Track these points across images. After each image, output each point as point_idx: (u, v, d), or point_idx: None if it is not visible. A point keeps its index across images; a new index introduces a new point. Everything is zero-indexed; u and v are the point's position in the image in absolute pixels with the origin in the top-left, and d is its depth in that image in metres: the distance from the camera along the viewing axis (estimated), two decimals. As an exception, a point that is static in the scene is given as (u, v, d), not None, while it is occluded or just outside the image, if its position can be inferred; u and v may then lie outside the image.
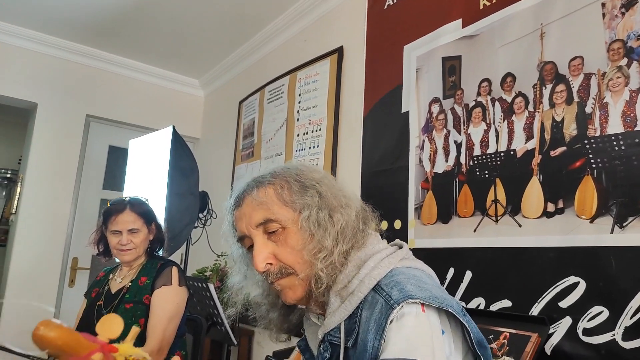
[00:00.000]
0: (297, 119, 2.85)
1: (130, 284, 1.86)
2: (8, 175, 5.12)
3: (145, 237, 1.89)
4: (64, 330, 0.46)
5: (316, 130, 2.67)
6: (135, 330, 0.58)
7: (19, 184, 3.59)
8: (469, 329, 0.76)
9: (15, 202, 3.58)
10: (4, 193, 5.12)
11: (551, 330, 1.42)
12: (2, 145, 5.34)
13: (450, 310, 0.75)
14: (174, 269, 1.87)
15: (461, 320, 0.76)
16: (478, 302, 1.65)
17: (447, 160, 1.88)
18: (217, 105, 4.10)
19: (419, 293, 0.74)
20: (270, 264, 0.84)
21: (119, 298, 1.83)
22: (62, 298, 3.56)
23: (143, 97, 3.98)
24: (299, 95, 2.88)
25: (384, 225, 2.02)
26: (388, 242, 0.91)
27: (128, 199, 1.95)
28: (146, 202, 1.97)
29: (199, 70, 4.05)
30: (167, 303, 1.80)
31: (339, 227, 0.83)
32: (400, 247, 0.89)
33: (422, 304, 0.73)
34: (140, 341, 1.75)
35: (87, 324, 1.85)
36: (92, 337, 0.51)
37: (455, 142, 1.85)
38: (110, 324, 0.54)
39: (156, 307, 1.78)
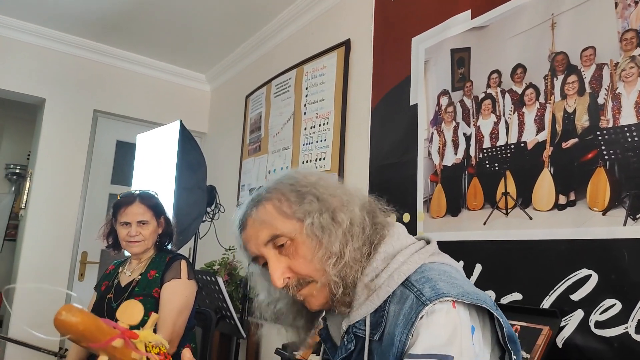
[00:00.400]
0: (304, 113, 2.84)
1: (139, 277, 1.87)
2: (17, 171, 5.15)
3: (154, 230, 1.90)
4: (86, 315, 0.46)
5: (323, 124, 2.66)
6: (154, 316, 0.58)
7: (28, 179, 3.62)
8: (502, 323, 0.76)
9: (25, 197, 3.61)
10: (13, 188, 5.16)
11: (563, 323, 1.41)
12: (11, 141, 5.38)
13: (484, 305, 0.75)
14: (183, 263, 1.88)
15: (495, 314, 0.75)
16: (488, 296, 1.64)
17: (456, 153, 1.86)
18: (224, 99, 4.10)
19: (451, 290, 0.74)
20: (288, 277, 0.84)
21: (128, 291, 1.84)
22: (73, 292, 3.59)
23: (150, 92, 3.99)
24: (306, 88, 2.86)
25: (406, 217, 1.99)
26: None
27: (138, 192, 1.96)
28: (155, 195, 1.98)
29: (206, 65, 4.05)
30: (177, 296, 1.81)
31: (344, 226, 0.82)
32: (428, 242, 0.89)
33: (454, 301, 0.73)
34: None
35: (98, 315, 1.86)
36: (112, 323, 0.51)
37: (464, 134, 1.84)
38: (131, 311, 0.54)
39: (166, 300, 1.79)
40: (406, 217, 2.00)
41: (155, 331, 1.73)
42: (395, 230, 0.87)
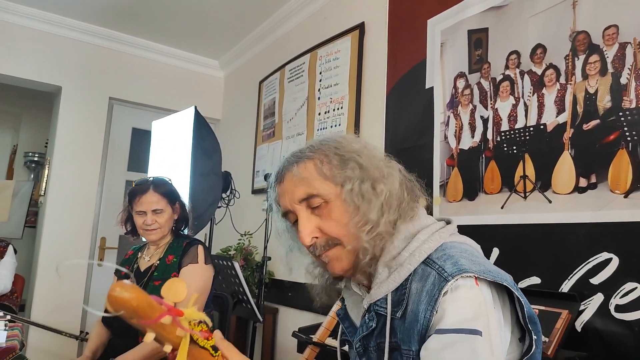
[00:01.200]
0: (318, 98, 2.83)
1: (158, 262, 1.89)
2: (35, 159, 5.23)
3: (170, 217, 1.92)
4: (139, 291, 0.47)
5: (338, 109, 2.65)
6: (195, 295, 0.58)
7: (47, 166, 3.67)
8: (523, 303, 0.75)
9: (44, 184, 3.66)
10: (32, 176, 5.24)
11: (582, 307, 1.40)
12: (29, 129, 5.46)
13: (505, 284, 0.74)
14: (200, 248, 1.90)
15: (516, 294, 0.75)
16: (509, 275, 1.63)
17: (473, 136, 1.84)
18: (237, 85, 4.09)
19: (472, 267, 0.74)
20: (316, 237, 0.84)
21: (147, 276, 1.87)
22: (92, 277, 3.66)
23: (164, 79, 4.00)
24: (320, 73, 2.84)
25: (437, 201, 1.97)
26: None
27: (152, 179, 1.97)
28: (169, 181, 1.99)
29: (219, 51, 4.04)
30: (194, 281, 1.83)
31: (383, 197, 0.82)
32: (449, 222, 0.88)
33: (476, 278, 0.73)
34: None
35: None
36: (160, 300, 0.51)
37: (481, 117, 1.81)
38: (176, 288, 0.53)
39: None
40: (437, 201, 1.99)
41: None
42: (418, 212, 0.87)
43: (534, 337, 0.76)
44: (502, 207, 1.69)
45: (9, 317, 2.24)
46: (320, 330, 1.64)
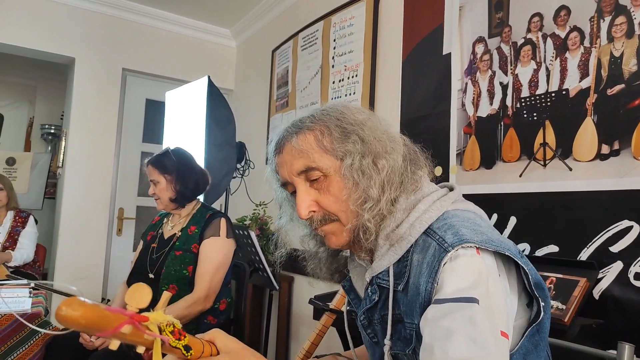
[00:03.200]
0: (332, 66, 2.78)
1: (180, 232, 1.92)
2: (52, 131, 5.29)
3: (164, 187, 1.92)
4: (88, 307, 0.45)
5: (352, 77, 2.60)
6: (166, 296, 0.58)
7: (64, 138, 3.71)
8: (527, 270, 0.74)
9: (61, 156, 3.71)
10: (49, 148, 5.32)
11: (600, 275, 1.39)
12: (45, 102, 5.50)
13: (507, 253, 0.73)
14: (223, 221, 1.92)
15: (519, 262, 0.73)
16: (523, 248, 1.62)
17: (491, 104, 1.80)
18: (250, 55, 4.04)
19: (474, 237, 0.72)
20: (314, 211, 0.83)
21: (170, 245, 1.91)
22: (112, 246, 3.75)
23: (176, 49, 3.97)
24: (334, 40, 2.79)
25: (438, 171, 1.95)
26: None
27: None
28: (168, 153, 1.98)
29: (231, 19, 3.98)
30: (215, 253, 1.85)
31: (384, 174, 0.79)
32: (452, 189, 0.86)
33: (477, 248, 0.72)
34: (189, 287, 1.82)
35: (141, 264, 1.95)
36: (120, 310, 0.50)
37: (501, 83, 1.77)
38: (140, 294, 0.53)
39: (204, 256, 1.84)
40: (438, 171, 1.97)
41: (192, 286, 1.77)
42: (420, 183, 0.84)
43: (542, 303, 0.75)
44: (520, 176, 1.66)
45: (32, 284, 2.31)
46: (337, 297, 1.66)
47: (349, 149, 0.80)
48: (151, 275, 1.88)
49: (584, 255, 1.45)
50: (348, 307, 0.99)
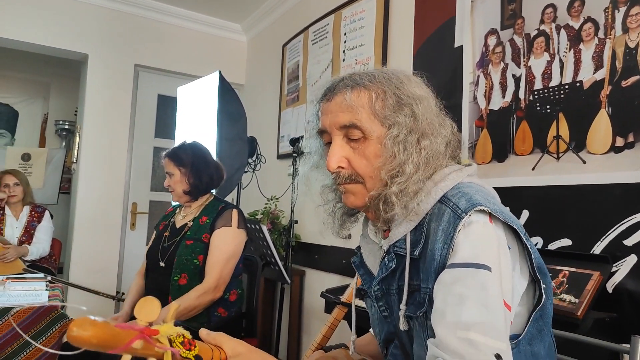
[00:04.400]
0: (343, 60, 2.78)
1: (192, 222, 1.94)
2: (66, 127, 5.36)
3: (179, 180, 1.95)
4: (98, 326, 0.46)
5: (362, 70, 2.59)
6: (174, 306, 0.59)
7: (77, 134, 3.76)
8: (531, 251, 0.75)
9: (75, 151, 3.76)
10: (63, 143, 5.39)
11: (614, 269, 1.38)
12: (59, 98, 5.57)
13: (514, 226, 0.74)
14: (234, 212, 1.94)
15: (524, 240, 0.75)
16: (535, 242, 1.61)
17: (504, 96, 1.78)
18: (260, 49, 4.05)
19: (487, 203, 0.74)
20: (342, 167, 0.83)
21: (181, 234, 1.93)
22: (125, 241, 3.79)
23: (188, 45, 3.99)
24: (345, 34, 2.78)
25: (465, 163, 1.94)
26: None
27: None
28: (182, 146, 2.01)
29: (241, 15, 3.98)
30: (226, 244, 1.87)
31: (424, 154, 0.79)
32: (469, 165, 0.87)
33: (490, 215, 0.73)
34: (199, 277, 1.84)
35: (153, 252, 1.99)
36: (130, 326, 0.51)
37: (513, 76, 1.75)
38: (148, 308, 0.54)
39: (215, 246, 1.86)
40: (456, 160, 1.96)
41: (202, 276, 1.78)
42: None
43: (543, 285, 0.76)
44: (533, 169, 1.65)
45: (49, 278, 2.35)
46: (349, 290, 1.67)
47: (399, 120, 0.79)
48: (162, 264, 1.91)
49: (597, 248, 1.44)
50: (358, 286, 1.00)
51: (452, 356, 0.66)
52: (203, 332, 0.70)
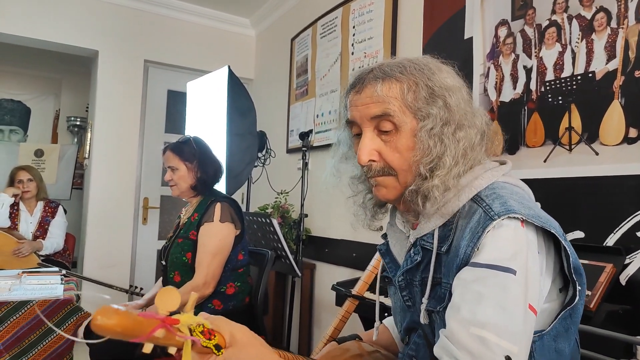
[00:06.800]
0: (352, 53, 2.77)
1: (187, 219, 1.96)
2: (78, 123, 5.41)
3: (184, 175, 1.94)
4: (122, 315, 0.47)
5: (372, 63, 2.58)
6: (194, 296, 0.59)
7: (89, 130, 3.79)
8: (569, 252, 0.74)
9: (87, 147, 3.80)
10: (75, 140, 5.44)
11: (627, 261, 1.37)
12: (70, 94, 5.62)
13: (552, 231, 0.72)
14: (218, 206, 1.89)
15: (563, 243, 0.73)
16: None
17: (515, 88, 1.77)
18: (269, 44, 4.05)
19: (521, 209, 0.72)
20: (374, 160, 0.81)
21: (176, 233, 1.96)
22: (138, 235, 3.83)
23: (197, 40, 4.00)
24: (353, 27, 2.77)
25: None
26: None
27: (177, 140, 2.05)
28: (187, 141, 2.00)
29: (249, 9, 3.98)
30: (209, 239, 1.84)
31: (461, 146, 0.78)
32: (504, 164, 0.85)
33: (522, 221, 0.72)
34: (190, 273, 1.84)
35: (161, 252, 2.02)
36: (152, 314, 0.51)
37: (524, 67, 1.73)
38: (169, 297, 0.54)
39: (200, 243, 1.85)
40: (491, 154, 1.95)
41: (193, 273, 1.79)
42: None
43: (578, 287, 0.75)
44: (544, 161, 1.64)
45: (64, 272, 2.39)
46: (359, 283, 1.68)
47: (433, 112, 0.78)
48: (163, 262, 1.95)
49: (610, 241, 1.43)
50: (383, 273, 1.00)
51: (462, 351, 0.66)
52: (202, 315, 0.68)
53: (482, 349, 0.65)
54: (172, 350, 0.55)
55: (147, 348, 0.52)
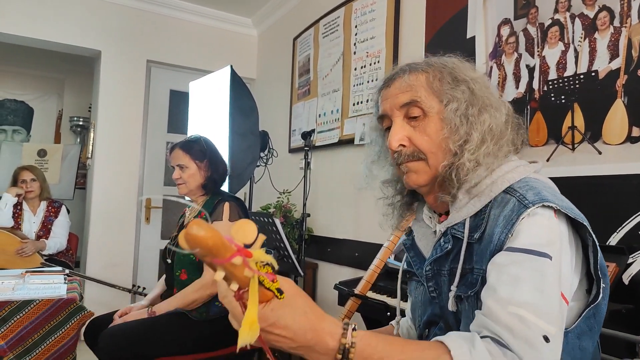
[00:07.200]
0: (354, 52, 2.77)
1: (194, 218, 1.96)
2: (80, 123, 5.42)
3: (194, 173, 1.94)
4: (213, 231, 0.47)
5: (374, 63, 2.59)
6: (262, 237, 0.57)
7: (92, 130, 3.80)
8: (598, 249, 0.75)
9: (90, 147, 3.81)
10: (78, 140, 5.45)
11: (630, 260, 1.37)
12: (73, 95, 5.64)
13: (585, 223, 0.75)
14: (227, 205, 1.90)
15: (593, 238, 0.75)
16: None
17: (517, 87, 1.77)
18: (271, 43, 4.05)
19: (555, 200, 0.74)
20: (404, 145, 0.85)
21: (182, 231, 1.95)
22: (140, 234, 3.84)
23: (199, 40, 4.00)
24: (355, 27, 2.77)
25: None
26: None
27: (187, 138, 2.04)
28: (198, 140, 2.01)
29: (251, 8, 3.98)
30: None
31: (486, 125, 0.81)
32: (534, 163, 0.89)
33: (556, 211, 0.74)
34: (198, 271, 1.86)
35: (164, 251, 2.02)
36: (231, 240, 0.51)
37: (527, 66, 1.73)
38: (245, 230, 0.53)
39: None
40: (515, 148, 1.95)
41: (201, 271, 1.78)
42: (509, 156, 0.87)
43: (602, 285, 0.76)
44: (547, 160, 1.64)
45: (67, 271, 2.39)
46: (362, 283, 1.68)
47: (457, 95, 0.83)
48: (168, 260, 1.95)
49: (613, 240, 1.43)
50: (405, 267, 1.03)
51: (502, 327, 0.67)
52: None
53: (521, 326, 0.66)
54: (233, 287, 0.54)
55: (219, 276, 0.51)
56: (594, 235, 0.75)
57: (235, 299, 0.56)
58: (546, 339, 0.66)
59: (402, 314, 1.07)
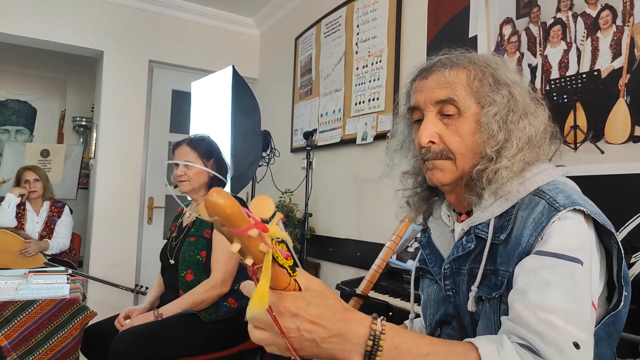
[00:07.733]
0: (356, 52, 2.76)
1: (195, 218, 1.96)
2: (83, 123, 5.43)
3: (200, 171, 1.93)
4: (232, 200, 0.47)
5: (376, 62, 2.59)
6: (279, 215, 0.56)
7: (94, 130, 3.81)
8: (623, 256, 0.75)
9: (93, 147, 3.82)
10: (81, 139, 5.47)
11: (633, 260, 1.36)
12: (76, 95, 5.65)
13: (612, 230, 0.74)
14: None
15: (619, 245, 0.75)
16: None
17: (519, 86, 1.76)
18: (273, 43, 4.05)
19: (585, 205, 0.74)
20: (433, 142, 0.83)
21: (184, 232, 1.95)
22: (143, 234, 3.85)
23: (201, 40, 4.00)
24: (357, 26, 2.77)
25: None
26: None
27: (192, 136, 2.04)
28: (205, 138, 2.01)
29: (253, 8, 3.98)
30: (222, 239, 1.86)
31: (526, 133, 0.80)
32: (562, 166, 0.88)
33: (585, 216, 0.73)
34: (204, 272, 1.86)
35: (164, 252, 2.02)
36: (249, 213, 0.50)
37: (529, 65, 1.73)
38: (263, 205, 0.52)
39: (217, 242, 1.86)
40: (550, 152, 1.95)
41: (208, 272, 1.77)
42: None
43: (625, 293, 0.76)
44: (549, 160, 1.63)
45: (70, 271, 2.40)
46: (364, 282, 1.68)
47: (497, 99, 0.80)
48: (171, 261, 1.93)
49: (616, 239, 1.42)
50: (418, 264, 1.01)
51: (531, 333, 0.66)
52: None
53: (551, 332, 0.65)
54: (248, 261, 0.53)
55: (235, 247, 0.51)
56: (619, 242, 0.75)
57: (249, 274, 0.56)
58: (576, 345, 0.64)
59: (416, 315, 1.06)
